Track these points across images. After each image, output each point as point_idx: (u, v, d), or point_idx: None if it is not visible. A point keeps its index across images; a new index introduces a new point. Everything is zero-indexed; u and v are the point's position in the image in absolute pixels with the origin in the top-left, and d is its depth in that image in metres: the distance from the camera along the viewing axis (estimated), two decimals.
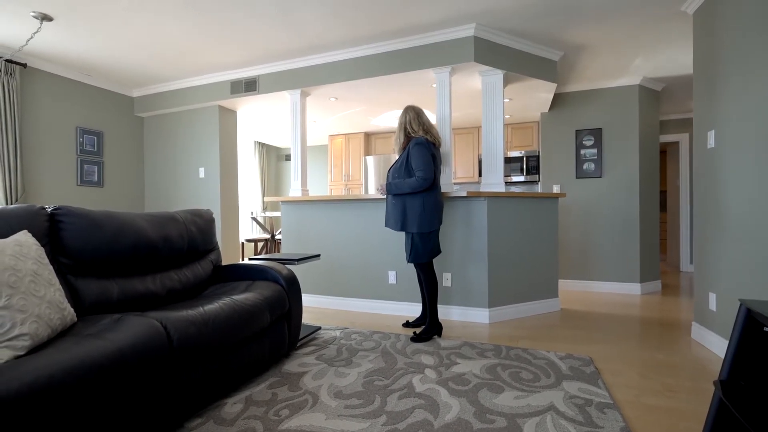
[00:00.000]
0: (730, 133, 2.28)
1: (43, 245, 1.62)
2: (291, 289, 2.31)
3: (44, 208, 1.69)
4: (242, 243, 5.26)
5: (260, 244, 5.28)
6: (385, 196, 2.77)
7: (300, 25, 2.99)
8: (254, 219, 5.32)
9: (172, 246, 2.16)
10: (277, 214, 5.39)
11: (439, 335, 2.71)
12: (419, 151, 2.56)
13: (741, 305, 1.40)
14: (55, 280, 1.45)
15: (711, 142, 2.46)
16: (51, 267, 1.47)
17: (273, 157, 6.96)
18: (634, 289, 4.19)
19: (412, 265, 3.30)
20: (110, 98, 4.28)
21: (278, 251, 5.37)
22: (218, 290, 2.23)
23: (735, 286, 2.23)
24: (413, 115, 2.70)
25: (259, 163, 6.45)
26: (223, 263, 4.28)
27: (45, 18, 2.80)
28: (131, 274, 1.95)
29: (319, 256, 2.77)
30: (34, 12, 2.74)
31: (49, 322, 1.32)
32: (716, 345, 2.38)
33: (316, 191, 6.69)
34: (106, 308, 1.78)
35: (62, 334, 1.40)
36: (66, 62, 3.67)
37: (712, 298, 2.45)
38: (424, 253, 2.65)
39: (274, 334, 2.14)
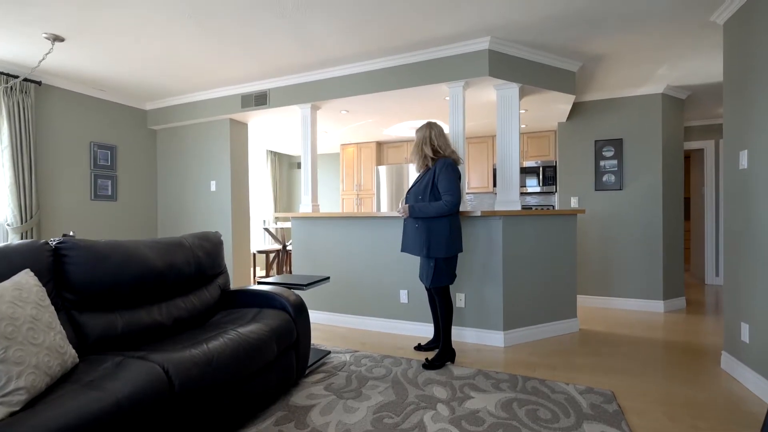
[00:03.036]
0: (764, 153, 2.12)
1: (46, 282, 1.59)
2: (299, 318, 2.25)
3: (48, 243, 1.67)
4: (254, 254, 5.25)
5: (272, 255, 5.26)
6: (404, 217, 2.63)
7: (313, 40, 2.93)
8: (266, 230, 5.31)
9: (179, 273, 2.13)
10: (289, 225, 5.36)
11: (452, 361, 2.61)
12: (449, 173, 2.45)
13: None
14: (56, 323, 1.41)
15: (743, 163, 2.30)
16: (52, 308, 1.43)
17: (285, 165, 6.95)
18: (656, 306, 4.01)
19: (423, 284, 3.21)
20: (123, 112, 4.31)
21: (289, 262, 5.34)
22: (225, 318, 2.18)
23: None
24: (439, 131, 2.57)
25: (271, 172, 6.44)
26: (235, 275, 4.27)
27: (57, 39, 2.81)
28: (137, 305, 1.92)
29: (328, 278, 2.71)
30: (45, 33, 2.75)
31: (47, 370, 1.28)
32: (749, 380, 2.23)
33: (327, 201, 6.65)
34: (111, 342, 1.75)
35: (62, 378, 1.37)
36: (79, 79, 3.70)
37: (745, 328, 2.30)
38: (447, 277, 2.55)
39: (282, 365, 2.08)
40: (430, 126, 2.60)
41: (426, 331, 3.20)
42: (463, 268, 3.07)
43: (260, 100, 3.87)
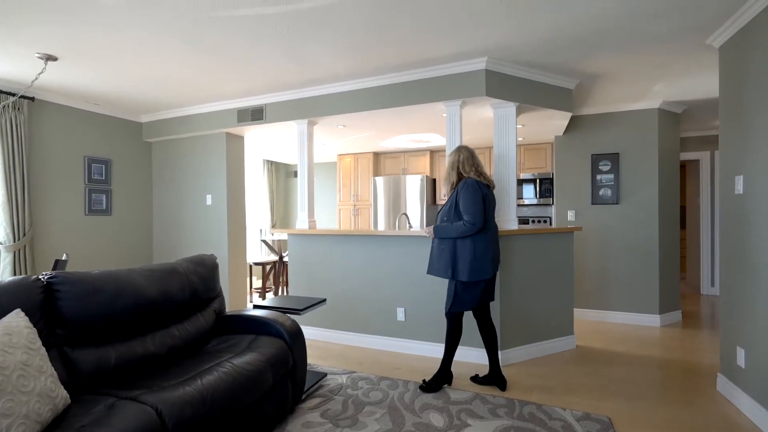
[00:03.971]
0: (760, 178, 2.12)
1: (37, 320, 1.57)
2: (295, 344, 2.23)
3: (39, 279, 1.64)
4: (250, 266, 5.22)
5: (268, 267, 5.24)
6: (428, 237, 2.59)
7: (310, 58, 2.91)
8: (264, 241, 5.28)
9: (173, 301, 2.11)
10: (286, 237, 5.34)
11: (449, 384, 2.60)
12: (468, 193, 2.41)
13: None
14: (47, 366, 1.39)
15: (739, 188, 2.31)
16: (43, 350, 1.41)
17: (282, 174, 6.92)
18: (653, 320, 4.02)
19: (422, 302, 3.20)
20: (118, 125, 4.28)
21: (286, 273, 5.31)
22: (220, 346, 2.16)
23: (766, 343, 2.08)
24: (467, 155, 2.53)
25: (268, 181, 6.42)
26: (231, 290, 4.24)
27: (50, 58, 2.78)
28: (130, 336, 1.90)
29: (324, 301, 2.69)
30: (38, 53, 2.72)
31: (37, 418, 1.26)
32: (745, 406, 2.23)
33: (324, 210, 6.62)
34: (104, 377, 1.72)
35: (54, 423, 1.35)
36: (73, 94, 3.66)
37: (741, 353, 2.30)
38: (463, 303, 2.47)
39: (277, 394, 2.07)
40: (459, 150, 2.57)
41: (423, 348, 3.19)
42: None
43: (256, 115, 3.85)
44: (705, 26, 2.41)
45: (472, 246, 2.41)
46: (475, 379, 2.68)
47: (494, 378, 2.60)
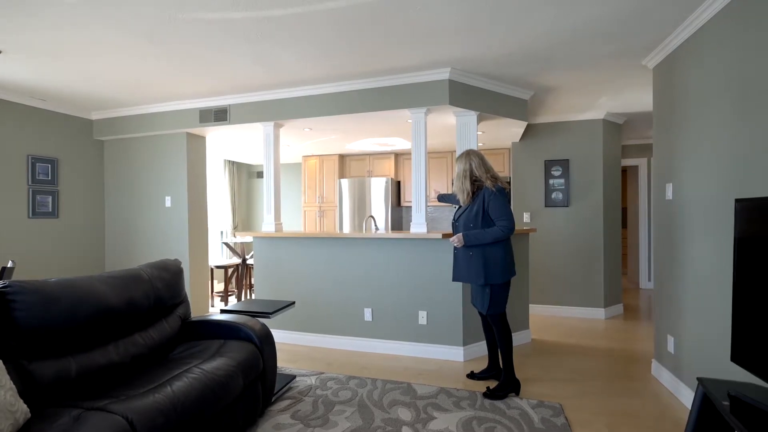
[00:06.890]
0: (687, 186, 2.41)
1: None
2: (265, 347, 2.25)
3: None
4: (212, 269, 5.08)
5: (230, 270, 5.12)
6: (457, 246, 2.59)
7: (278, 63, 2.91)
8: (225, 244, 5.16)
9: (137, 308, 2.06)
10: (249, 239, 5.24)
11: (517, 393, 2.51)
12: (499, 200, 2.46)
13: (698, 386, 1.49)
14: (5, 380, 1.34)
15: (669, 195, 2.60)
16: (0, 363, 1.35)
17: (244, 175, 6.77)
18: (598, 314, 4.38)
19: (388, 302, 3.30)
20: (66, 122, 4.02)
21: (250, 276, 5.22)
22: (187, 352, 2.13)
23: (691, 332, 2.37)
24: (478, 162, 2.55)
25: (230, 182, 6.26)
26: (193, 295, 4.12)
27: None
28: (92, 346, 1.83)
29: (293, 303, 2.71)
30: None
31: None
32: (674, 386, 2.52)
33: (289, 211, 6.56)
34: (65, 389, 1.66)
35: None
36: (16, 89, 3.41)
37: (671, 341, 2.60)
38: (503, 302, 2.54)
39: (248, 398, 2.08)
40: (468, 158, 2.58)
41: (390, 347, 3.29)
42: (426, 287, 3.20)
43: (220, 115, 3.77)
44: (640, 49, 2.70)
45: (503, 249, 2.50)
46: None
47: (496, 371, 2.73)
